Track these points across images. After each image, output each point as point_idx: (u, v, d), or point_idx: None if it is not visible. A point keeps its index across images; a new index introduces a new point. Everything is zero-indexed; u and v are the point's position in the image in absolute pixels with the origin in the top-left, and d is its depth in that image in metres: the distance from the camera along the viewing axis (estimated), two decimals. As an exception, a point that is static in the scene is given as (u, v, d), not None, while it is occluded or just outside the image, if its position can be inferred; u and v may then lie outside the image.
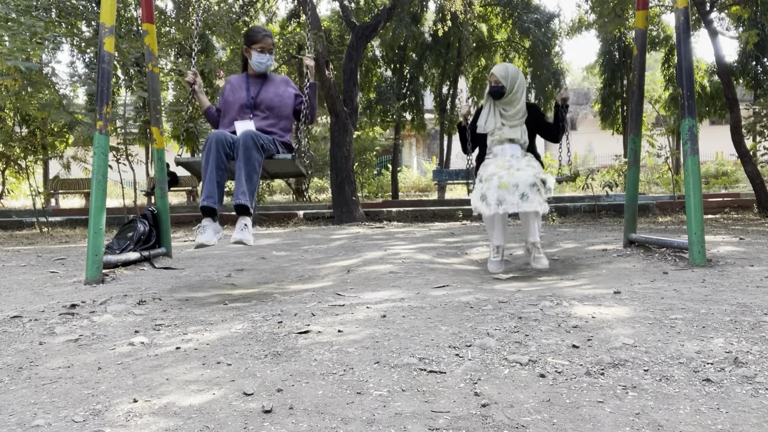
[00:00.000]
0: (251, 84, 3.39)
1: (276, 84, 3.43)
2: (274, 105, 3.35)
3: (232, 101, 3.36)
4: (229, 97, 3.38)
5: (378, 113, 15.09)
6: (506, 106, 3.82)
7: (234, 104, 3.35)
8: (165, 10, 10.40)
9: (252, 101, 3.32)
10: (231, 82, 3.47)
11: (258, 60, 3.35)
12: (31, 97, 6.89)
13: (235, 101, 3.36)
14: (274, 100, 3.35)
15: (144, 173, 13.60)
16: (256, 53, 3.34)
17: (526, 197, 3.44)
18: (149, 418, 1.42)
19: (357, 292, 3.01)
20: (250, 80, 3.41)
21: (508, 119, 3.81)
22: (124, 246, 4.48)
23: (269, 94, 3.36)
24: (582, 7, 13.07)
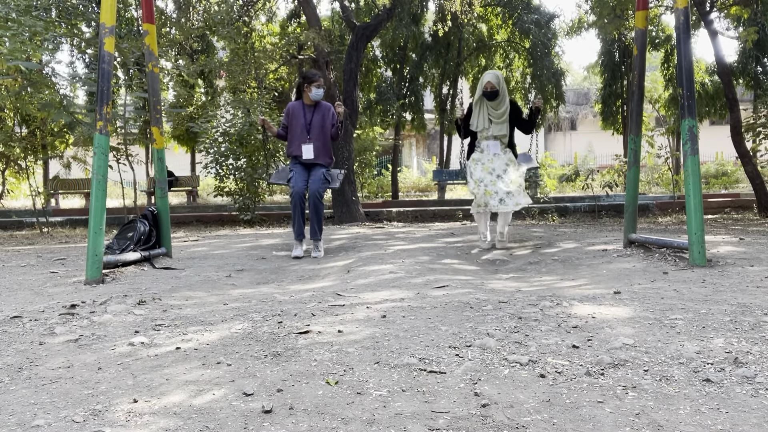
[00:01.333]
0: (306, 110, 4.92)
1: (322, 110, 4.93)
2: (323, 128, 4.91)
3: (295, 124, 4.92)
4: (293, 120, 4.93)
5: (378, 113, 15.08)
6: (495, 107, 4.81)
7: (296, 126, 4.90)
8: (165, 10, 10.41)
9: (308, 126, 4.88)
10: (291, 107, 4.97)
11: (316, 93, 4.86)
12: (31, 97, 6.89)
13: (296, 124, 4.90)
14: (322, 124, 4.91)
15: (144, 173, 13.62)
16: (315, 88, 4.83)
17: (504, 202, 4.69)
18: (149, 418, 1.42)
19: (357, 292, 3.01)
20: (305, 107, 4.92)
21: (495, 118, 4.82)
22: (124, 246, 4.48)
23: (319, 120, 4.90)
24: (582, 7, 13.08)
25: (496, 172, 4.78)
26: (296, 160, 4.96)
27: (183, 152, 18.11)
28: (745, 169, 8.04)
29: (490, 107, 4.80)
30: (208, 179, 15.06)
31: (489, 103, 4.79)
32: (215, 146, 8.89)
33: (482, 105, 4.83)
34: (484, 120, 4.83)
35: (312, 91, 4.85)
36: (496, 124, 4.80)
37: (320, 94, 4.88)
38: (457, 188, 17.89)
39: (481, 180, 4.78)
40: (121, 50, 6.34)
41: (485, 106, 4.82)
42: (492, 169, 4.79)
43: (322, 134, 4.89)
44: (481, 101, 4.82)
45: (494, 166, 4.81)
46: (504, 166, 4.80)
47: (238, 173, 9.01)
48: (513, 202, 4.65)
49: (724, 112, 14.23)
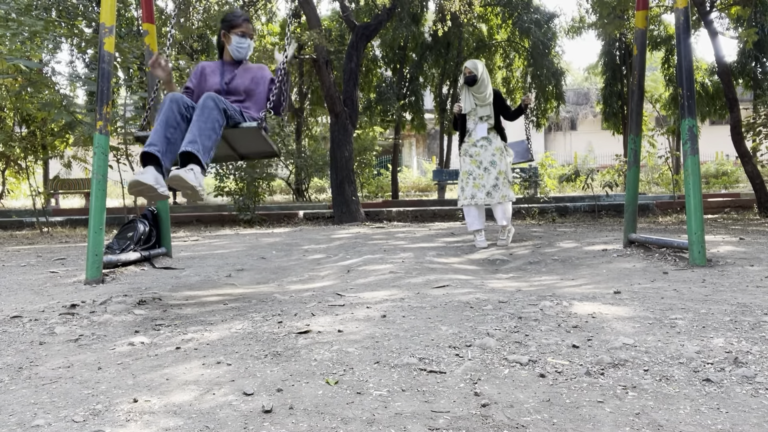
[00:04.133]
0: (226, 70, 3.22)
1: (252, 70, 3.26)
2: (250, 89, 3.17)
3: (205, 86, 3.16)
4: (202, 83, 3.18)
5: (378, 113, 15.08)
6: (477, 92, 5.06)
7: (206, 89, 3.14)
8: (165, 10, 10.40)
9: (225, 86, 3.13)
10: (204, 66, 3.28)
11: (238, 44, 3.19)
12: (31, 97, 6.89)
13: (207, 87, 3.15)
14: (249, 85, 3.17)
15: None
16: (237, 37, 3.19)
17: (490, 195, 4.96)
18: (149, 417, 1.42)
19: (357, 292, 3.01)
20: (225, 66, 3.24)
21: (480, 101, 5.08)
22: (124, 246, 4.48)
23: (245, 80, 3.18)
24: (583, 7, 13.07)
25: (483, 165, 5.00)
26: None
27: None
28: (745, 168, 8.04)
29: (472, 92, 5.10)
30: (208, 179, 15.07)
31: (471, 89, 5.10)
32: (215, 146, 8.86)
33: (466, 91, 5.16)
34: (471, 102, 5.12)
35: (233, 42, 3.20)
36: (481, 107, 5.09)
37: (245, 47, 3.23)
38: (457, 188, 17.88)
39: (470, 173, 5.05)
40: (121, 50, 6.34)
41: (469, 92, 5.14)
42: (480, 162, 5.02)
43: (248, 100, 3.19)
44: (465, 88, 5.15)
45: (481, 158, 5.03)
46: (491, 157, 5.01)
47: (238, 173, 9.01)
48: (499, 195, 4.92)
49: (724, 112, 14.22)
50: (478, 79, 5.02)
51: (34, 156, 8.59)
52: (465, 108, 5.16)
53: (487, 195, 4.93)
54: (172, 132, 2.66)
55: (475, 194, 4.96)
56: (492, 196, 4.92)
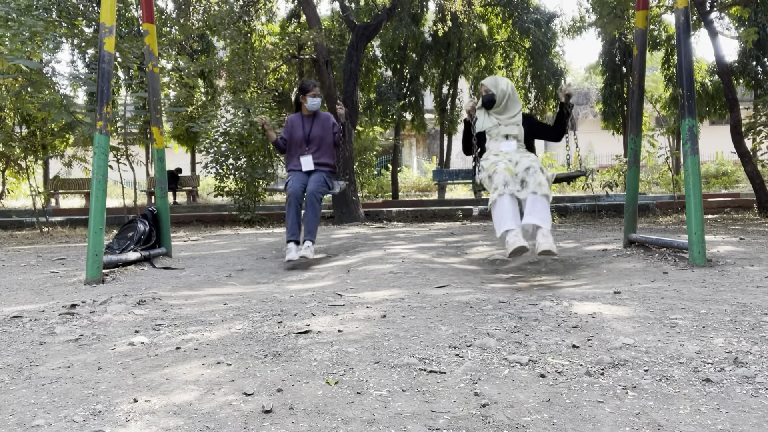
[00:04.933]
0: (305, 122, 4.69)
1: (321, 120, 4.71)
2: (323, 138, 4.67)
3: (294, 137, 4.68)
4: (292, 133, 4.69)
5: (378, 113, 15.09)
6: (498, 115, 4.01)
7: (295, 139, 4.66)
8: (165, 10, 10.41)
9: (307, 137, 4.64)
10: (291, 120, 4.75)
11: (312, 103, 4.64)
12: (31, 97, 6.89)
13: (296, 137, 4.66)
14: (322, 134, 4.66)
15: (144, 173, 13.61)
16: (311, 98, 4.62)
17: (525, 183, 3.54)
18: (149, 417, 1.42)
19: (357, 292, 3.01)
20: (304, 119, 4.70)
21: (503, 122, 3.99)
22: (124, 246, 4.48)
23: (318, 130, 4.66)
24: (583, 6, 13.08)
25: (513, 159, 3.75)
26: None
27: (183, 152, 18.11)
28: (745, 168, 8.04)
29: (494, 114, 4.03)
30: (208, 179, 15.06)
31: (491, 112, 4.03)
32: (215, 146, 8.89)
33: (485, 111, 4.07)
34: (491, 120, 4.01)
35: (308, 102, 4.63)
36: (506, 125, 3.97)
37: (317, 103, 4.65)
38: (457, 188, 17.90)
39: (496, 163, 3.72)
40: (121, 50, 6.34)
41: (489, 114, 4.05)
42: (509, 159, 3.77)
43: (322, 144, 4.65)
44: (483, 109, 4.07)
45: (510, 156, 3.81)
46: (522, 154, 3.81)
47: (238, 173, 9.01)
48: (535, 183, 3.51)
49: (724, 112, 14.24)
50: (496, 99, 3.96)
51: (34, 156, 8.60)
52: (484, 125, 4.01)
53: (522, 184, 3.55)
54: (298, 219, 4.41)
55: (508, 181, 3.56)
56: (527, 185, 3.52)
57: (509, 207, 3.50)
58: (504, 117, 3.99)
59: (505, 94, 3.97)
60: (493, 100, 3.97)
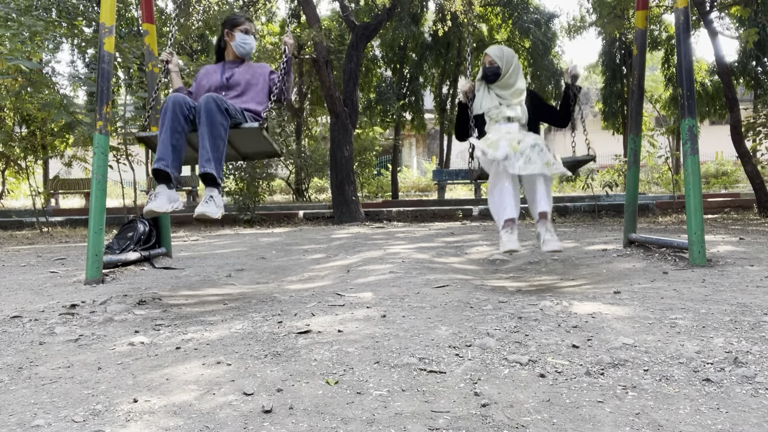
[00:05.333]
0: (227, 68, 3.33)
1: (253, 67, 3.36)
2: (250, 83, 3.24)
3: (206, 84, 3.27)
4: (203, 81, 3.29)
5: (378, 113, 15.09)
6: (501, 91, 3.54)
7: (207, 87, 3.24)
8: (165, 10, 10.41)
9: (226, 82, 3.23)
10: (206, 68, 3.42)
11: (242, 41, 3.29)
12: (31, 97, 6.89)
13: (208, 84, 3.25)
14: (249, 79, 3.26)
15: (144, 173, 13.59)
16: (241, 34, 3.29)
17: (530, 159, 3.10)
18: (149, 418, 1.42)
19: (357, 292, 3.01)
20: (226, 65, 3.35)
21: (505, 99, 3.53)
22: (124, 246, 4.48)
23: (245, 75, 3.27)
24: (583, 6, 13.09)
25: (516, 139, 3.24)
26: None
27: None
28: (745, 168, 8.04)
29: (496, 89, 3.56)
30: (208, 179, 15.03)
31: (493, 86, 3.56)
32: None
33: (486, 88, 3.60)
34: (492, 100, 3.55)
35: (237, 39, 3.30)
36: (508, 106, 3.52)
37: (249, 44, 3.33)
38: (457, 188, 17.89)
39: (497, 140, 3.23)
40: (121, 50, 6.35)
41: (490, 89, 3.59)
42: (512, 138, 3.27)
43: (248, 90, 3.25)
44: (483, 84, 3.62)
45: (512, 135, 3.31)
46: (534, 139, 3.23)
47: (238, 173, 9.02)
48: (542, 161, 3.10)
49: (724, 111, 14.23)
50: (501, 72, 3.50)
51: (34, 156, 8.60)
52: (482, 106, 3.56)
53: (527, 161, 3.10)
54: (178, 137, 2.78)
55: (510, 155, 3.11)
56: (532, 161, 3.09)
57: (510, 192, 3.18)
58: (507, 93, 3.52)
59: (510, 65, 3.51)
60: (498, 73, 3.49)
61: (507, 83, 3.52)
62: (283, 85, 3.21)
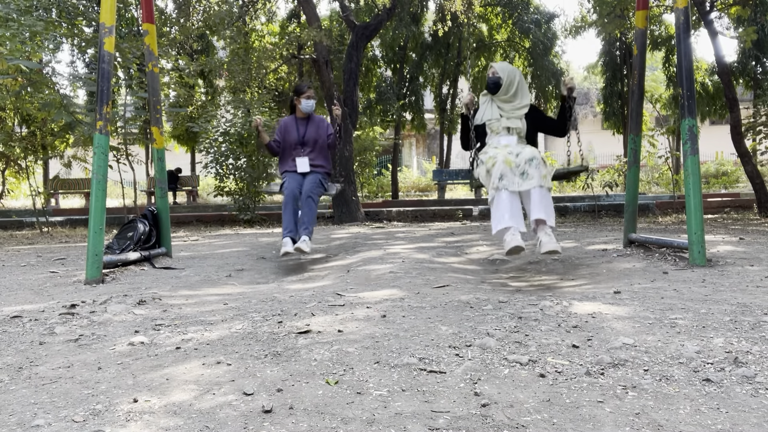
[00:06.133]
0: (299, 124, 4.62)
1: (316, 122, 4.65)
2: (317, 141, 4.60)
3: (288, 139, 4.59)
4: (286, 136, 4.61)
5: (378, 113, 15.10)
6: (503, 104, 3.78)
7: (289, 141, 4.58)
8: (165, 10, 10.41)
9: (302, 139, 4.58)
10: (285, 123, 4.66)
11: (306, 105, 4.60)
12: (31, 97, 6.89)
13: (290, 139, 4.58)
14: (316, 137, 4.60)
15: (144, 173, 13.60)
16: (305, 100, 4.59)
17: (526, 174, 3.35)
18: (149, 417, 1.42)
19: (357, 292, 3.01)
20: (298, 121, 4.63)
21: (507, 112, 3.76)
22: (124, 246, 4.48)
23: (312, 133, 4.59)
24: (584, 6, 13.08)
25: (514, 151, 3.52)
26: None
27: (183, 152, 18.11)
28: (745, 168, 8.04)
29: (498, 101, 3.81)
30: (208, 179, 15.07)
31: (495, 97, 3.82)
32: (215, 146, 8.89)
33: (489, 100, 3.86)
34: (493, 111, 3.81)
35: (302, 104, 4.59)
36: (508, 118, 3.76)
37: (311, 105, 4.62)
38: (457, 188, 17.90)
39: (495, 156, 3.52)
40: (121, 50, 6.34)
41: (494, 101, 3.84)
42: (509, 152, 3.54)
43: (317, 146, 4.58)
44: (487, 95, 3.87)
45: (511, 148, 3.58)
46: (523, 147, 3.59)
47: (238, 173, 9.02)
48: (539, 175, 3.35)
49: (724, 111, 14.24)
50: (502, 84, 3.74)
51: (34, 156, 8.60)
52: (483, 117, 3.81)
53: (522, 176, 3.36)
54: (295, 217, 4.31)
55: (505, 174, 3.37)
56: (530, 177, 3.34)
57: (507, 203, 3.35)
58: (509, 107, 3.77)
59: (512, 80, 3.74)
60: (499, 84, 3.74)
61: (507, 98, 3.78)
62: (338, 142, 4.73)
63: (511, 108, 3.76)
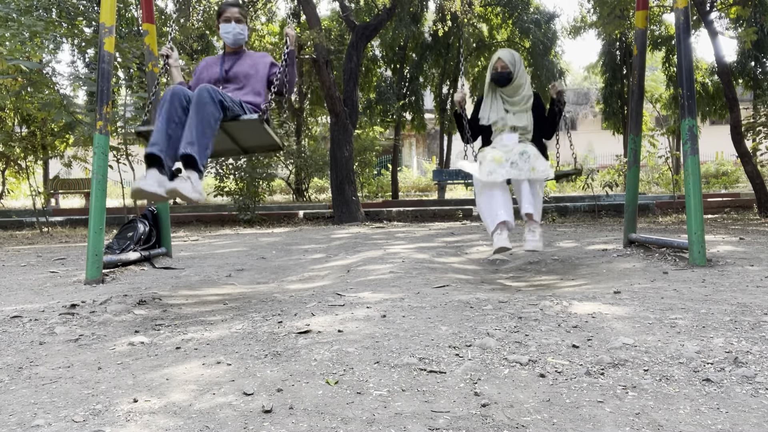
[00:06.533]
0: (226, 59, 3.28)
1: (253, 57, 3.30)
2: (249, 74, 3.19)
3: (205, 76, 3.23)
4: (202, 74, 3.26)
5: (378, 113, 15.09)
6: (511, 93, 3.62)
7: (206, 80, 3.20)
8: (165, 10, 10.41)
9: (225, 74, 3.19)
10: (206, 60, 3.37)
11: (224, 30, 3.22)
12: (31, 97, 6.89)
13: (207, 76, 3.22)
14: (248, 71, 3.21)
15: (144, 173, 13.56)
16: (224, 24, 3.22)
17: (516, 165, 3.30)
18: (149, 417, 1.42)
19: (357, 292, 3.01)
20: (225, 57, 3.30)
21: (512, 105, 3.63)
22: (124, 246, 4.48)
23: (244, 67, 3.22)
24: (584, 7, 13.08)
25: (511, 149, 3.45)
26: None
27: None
28: (745, 168, 8.04)
29: (504, 94, 3.65)
30: (208, 179, 15.06)
31: (502, 90, 3.64)
32: (215, 146, 8.87)
33: (494, 93, 3.68)
34: (499, 110, 3.64)
35: (221, 29, 3.25)
36: (514, 114, 3.62)
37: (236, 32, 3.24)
38: (457, 188, 17.89)
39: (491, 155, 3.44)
40: (121, 50, 6.34)
41: (498, 94, 3.67)
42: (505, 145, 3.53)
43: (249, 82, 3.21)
44: (492, 89, 3.68)
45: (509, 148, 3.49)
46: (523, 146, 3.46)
47: (238, 173, 9.01)
48: (528, 167, 3.30)
49: (724, 111, 14.23)
50: (513, 77, 3.56)
51: (34, 156, 8.60)
52: (489, 118, 3.66)
53: (511, 165, 3.31)
54: (174, 127, 2.68)
55: (494, 170, 3.31)
56: (518, 167, 3.30)
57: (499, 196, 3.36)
58: (515, 99, 3.61)
59: (520, 69, 3.58)
60: (510, 78, 3.55)
61: (517, 86, 3.60)
62: (285, 77, 3.11)
63: (519, 99, 3.62)
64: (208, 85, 2.76)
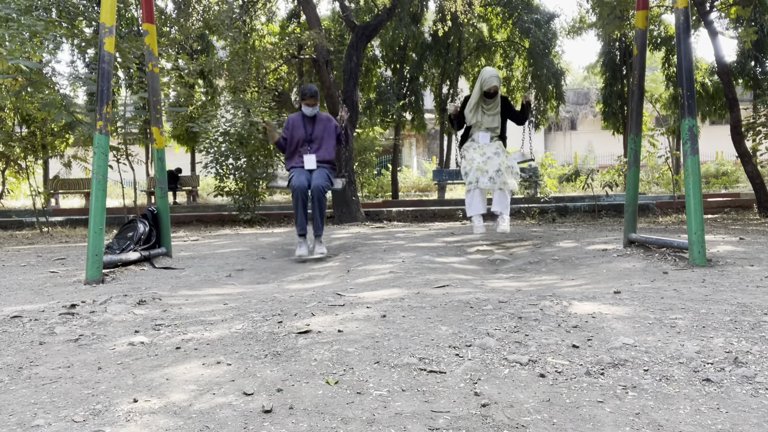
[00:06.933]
0: (307, 124, 4.92)
1: (323, 121, 4.96)
2: (323, 137, 4.92)
3: (295, 136, 4.90)
4: (293, 133, 4.91)
5: (378, 113, 15.08)
6: (489, 103, 5.12)
7: (297, 138, 4.89)
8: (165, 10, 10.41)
9: (309, 137, 4.90)
10: (292, 120, 4.96)
11: (305, 111, 4.90)
12: (31, 97, 6.89)
13: (297, 137, 4.89)
14: (323, 134, 4.92)
15: (144, 173, 13.61)
16: (305, 106, 4.87)
17: (493, 180, 4.82)
18: (149, 417, 1.42)
19: (357, 292, 3.01)
20: (305, 119, 4.93)
21: (488, 110, 5.14)
22: (124, 246, 4.48)
23: (319, 131, 4.92)
24: (583, 7, 13.08)
25: (487, 155, 4.94)
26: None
27: (183, 152, 18.11)
28: (745, 168, 8.04)
29: (484, 103, 5.10)
30: (208, 179, 15.07)
31: (485, 100, 5.09)
32: (215, 146, 8.88)
33: (480, 103, 5.09)
34: (478, 114, 5.13)
35: (303, 108, 4.92)
36: (488, 116, 5.13)
37: (311, 111, 4.89)
38: (457, 188, 17.89)
39: (473, 159, 4.96)
40: (121, 50, 6.34)
41: (482, 104, 5.11)
42: (483, 152, 4.98)
43: (323, 143, 4.90)
44: (480, 99, 5.06)
45: (485, 150, 5.02)
46: (495, 149, 5.01)
47: (238, 173, 9.01)
48: (501, 181, 4.81)
49: (724, 111, 14.24)
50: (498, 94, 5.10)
51: (34, 156, 8.59)
52: (472, 120, 5.17)
53: (489, 180, 4.83)
54: (305, 212, 4.68)
55: (479, 178, 4.86)
56: (494, 182, 4.82)
57: (478, 197, 4.93)
58: (491, 106, 5.11)
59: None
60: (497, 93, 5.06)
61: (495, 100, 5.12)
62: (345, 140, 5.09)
63: (493, 106, 5.11)
64: (321, 186, 4.61)
